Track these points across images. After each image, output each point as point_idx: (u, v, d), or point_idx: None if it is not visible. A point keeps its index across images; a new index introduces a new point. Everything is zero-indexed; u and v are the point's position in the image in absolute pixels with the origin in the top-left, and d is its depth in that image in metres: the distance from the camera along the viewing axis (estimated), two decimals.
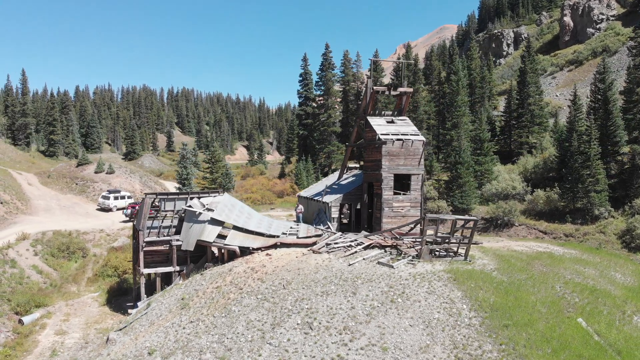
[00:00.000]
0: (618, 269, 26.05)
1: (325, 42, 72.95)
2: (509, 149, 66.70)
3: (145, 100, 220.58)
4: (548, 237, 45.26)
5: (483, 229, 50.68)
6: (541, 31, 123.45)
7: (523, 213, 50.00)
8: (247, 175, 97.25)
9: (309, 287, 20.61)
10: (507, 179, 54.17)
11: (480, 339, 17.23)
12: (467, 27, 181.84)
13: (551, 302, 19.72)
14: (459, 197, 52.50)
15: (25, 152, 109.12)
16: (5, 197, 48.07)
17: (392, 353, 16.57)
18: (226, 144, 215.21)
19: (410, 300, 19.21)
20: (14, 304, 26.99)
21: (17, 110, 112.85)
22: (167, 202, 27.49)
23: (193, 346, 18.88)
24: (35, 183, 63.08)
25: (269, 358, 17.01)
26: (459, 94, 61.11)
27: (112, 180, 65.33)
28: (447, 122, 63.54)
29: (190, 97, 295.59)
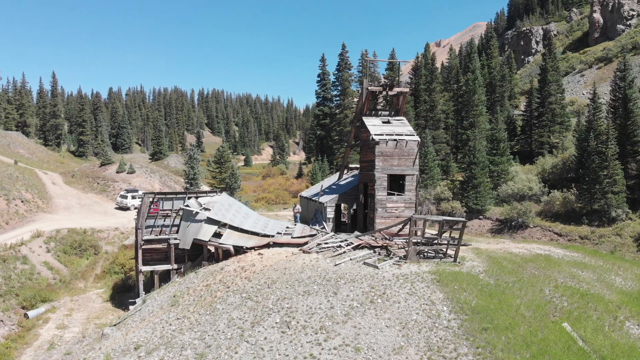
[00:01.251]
0: (620, 273, 25.23)
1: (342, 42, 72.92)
2: (529, 148, 65.29)
3: (176, 102, 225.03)
4: (563, 239, 44.17)
5: (497, 230, 49.84)
6: (571, 28, 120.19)
7: (539, 214, 48.90)
8: (267, 175, 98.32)
9: (292, 286, 20.76)
10: (523, 179, 53.06)
11: (457, 341, 17.01)
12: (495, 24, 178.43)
13: (537, 305, 19.29)
14: (474, 198, 51.75)
15: (55, 152, 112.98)
16: (27, 195, 49.97)
17: (364, 353, 16.54)
18: (253, 144, 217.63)
19: (390, 301, 19.12)
20: (21, 298, 28.13)
21: (48, 112, 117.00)
22: (165, 201, 28.13)
23: (176, 342, 19.25)
24: (59, 182, 65.27)
25: (245, 356, 17.21)
26: (476, 93, 60.27)
27: (132, 179, 67.01)
28: (464, 122, 62.77)
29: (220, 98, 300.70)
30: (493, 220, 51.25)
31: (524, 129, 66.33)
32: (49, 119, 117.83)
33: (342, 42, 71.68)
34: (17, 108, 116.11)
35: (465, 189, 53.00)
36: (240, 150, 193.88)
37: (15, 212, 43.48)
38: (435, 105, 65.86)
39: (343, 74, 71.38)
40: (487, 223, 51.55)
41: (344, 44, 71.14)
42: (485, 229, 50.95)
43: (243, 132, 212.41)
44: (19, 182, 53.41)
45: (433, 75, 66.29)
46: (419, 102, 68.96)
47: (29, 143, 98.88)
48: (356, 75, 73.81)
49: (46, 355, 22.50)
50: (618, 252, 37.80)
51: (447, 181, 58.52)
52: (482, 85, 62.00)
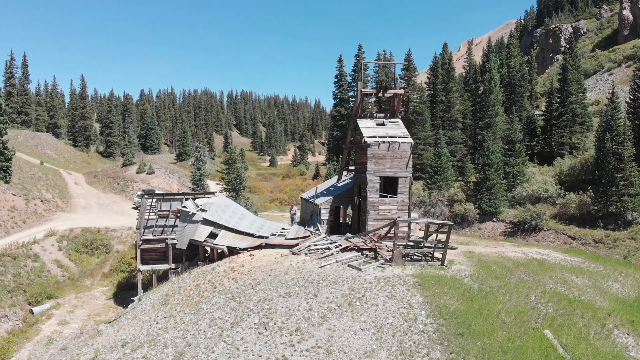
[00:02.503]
0: (620, 279, 24.48)
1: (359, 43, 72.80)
2: (549, 149, 63.74)
3: (205, 103, 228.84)
4: (576, 242, 43.06)
5: (510, 233, 48.93)
6: (600, 25, 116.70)
7: (554, 217, 47.76)
8: (287, 175, 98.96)
9: (275, 288, 20.96)
10: (539, 181, 51.90)
11: (431, 346, 16.89)
12: (524, 22, 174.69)
13: (519, 311, 18.94)
14: (487, 200, 50.95)
15: (84, 153, 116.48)
16: (47, 195, 51.77)
17: (335, 356, 16.61)
18: (279, 144, 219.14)
19: (368, 304, 19.10)
20: (28, 295, 29.26)
21: (77, 114, 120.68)
22: (163, 202, 28.77)
23: (159, 340, 19.72)
24: (81, 182, 67.36)
25: (221, 355, 17.52)
26: (492, 93, 59.23)
27: (151, 180, 68.56)
28: (479, 122, 61.80)
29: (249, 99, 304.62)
30: (506, 223, 50.30)
31: (544, 130, 64.79)
32: (78, 121, 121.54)
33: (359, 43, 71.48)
34: (48, 110, 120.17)
35: (479, 191, 52.20)
36: (266, 150, 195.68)
37: (33, 212, 45.14)
38: (451, 105, 65.01)
39: (359, 75, 71.17)
40: (500, 225, 50.63)
41: (360, 44, 71.08)
42: (498, 231, 50.06)
43: (269, 133, 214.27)
44: (41, 182, 55.37)
45: (449, 75, 65.42)
46: (436, 103, 68.23)
47: (58, 144, 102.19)
48: (372, 75, 73.58)
49: (43, 350, 23.36)
50: (632, 256, 36.65)
51: (461, 183, 57.69)
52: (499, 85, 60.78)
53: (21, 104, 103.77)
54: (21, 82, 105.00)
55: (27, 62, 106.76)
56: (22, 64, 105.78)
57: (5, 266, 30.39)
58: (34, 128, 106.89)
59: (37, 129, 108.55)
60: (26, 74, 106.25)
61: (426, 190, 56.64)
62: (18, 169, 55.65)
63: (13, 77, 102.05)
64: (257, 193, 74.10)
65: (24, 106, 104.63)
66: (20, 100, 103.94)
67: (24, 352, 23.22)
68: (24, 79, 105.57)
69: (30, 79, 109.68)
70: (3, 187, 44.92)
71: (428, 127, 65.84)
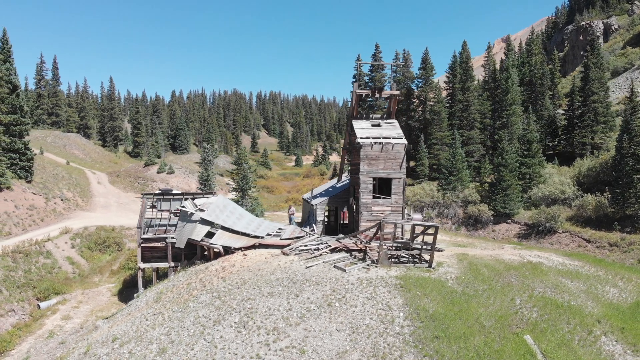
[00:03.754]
0: (620, 284, 23.72)
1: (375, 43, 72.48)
2: (571, 150, 62.03)
3: (234, 104, 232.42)
4: (591, 245, 41.90)
5: (524, 235, 47.92)
6: (632, 22, 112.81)
7: (570, 219, 46.53)
8: (308, 175, 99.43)
9: (259, 287, 21.21)
10: (556, 182, 50.60)
11: (405, 348, 16.83)
12: (555, 19, 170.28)
13: (500, 315, 18.63)
14: (502, 201, 50.04)
15: (112, 152, 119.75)
16: (68, 194, 53.54)
17: (308, 356, 16.73)
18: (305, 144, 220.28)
19: (347, 304, 19.13)
20: (37, 290, 30.38)
21: (106, 115, 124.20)
22: (163, 202, 29.43)
23: (146, 336, 20.26)
24: (104, 182, 69.35)
25: (199, 352, 17.88)
26: (509, 92, 58.10)
27: (170, 179, 69.97)
28: (496, 122, 60.72)
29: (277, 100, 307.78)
30: (521, 225, 49.26)
31: (566, 129, 63.10)
32: (107, 121, 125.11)
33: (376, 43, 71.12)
34: (78, 111, 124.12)
35: (493, 192, 51.32)
36: (293, 150, 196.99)
37: (52, 210, 46.78)
38: (469, 105, 64.02)
39: (376, 75, 70.91)
40: (514, 227, 49.62)
41: (377, 44, 70.66)
42: (512, 233, 49.09)
43: (296, 133, 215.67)
44: (63, 182, 57.28)
45: (467, 74, 64.42)
46: (454, 102, 67.35)
47: (86, 144, 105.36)
48: (390, 75, 73.06)
49: (43, 344, 24.26)
50: None
51: (476, 183, 56.79)
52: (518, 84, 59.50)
53: (51, 106, 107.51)
54: (52, 84, 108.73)
55: (57, 65, 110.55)
56: (52, 67, 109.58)
57: (17, 262, 31.67)
58: (64, 129, 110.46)
59: (68, 130, 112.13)
60: (56, 77, 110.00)
61: (440, 191, 56.01)
62: (42, 168, 57.73)
63: (43, 79, 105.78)
64: (274, 193, 74.71)
65: (54, 107, 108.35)
66: (50, 101, 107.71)
67: (25, 345, 24.18)
68: (54, 81, 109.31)
69: (61, 81, 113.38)
70: (24, 187, 46.73)
71: (445, 127, 65.04)
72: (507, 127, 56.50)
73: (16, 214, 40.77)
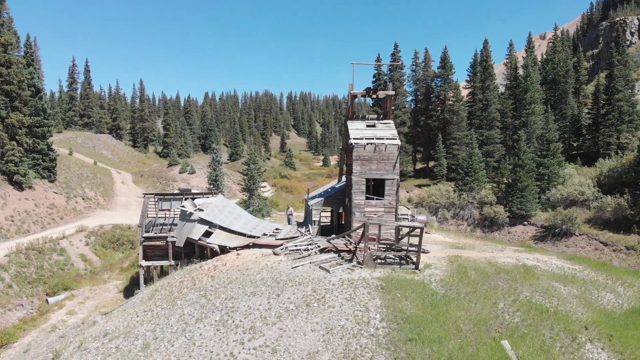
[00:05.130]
0: (619, 289, 22.89)
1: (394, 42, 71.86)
2: (595, 149, 60.04)
3: (265, 105, 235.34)
4: (608, 249, 40.60)
5: (540, 237, 46.76)
6: None
7: (588, 222, 45.14)
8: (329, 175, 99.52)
9: (244, 286, 21.48)
10: (575, 183, 49.12)
11: (377, 350, 16.76)
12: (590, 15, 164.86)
13: (479, 319, 18.30)
14: (518, 203, 49.00)
15: (142, 153, 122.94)
16: (90, 194, 55.33)
17: (280, 355, 16.86)
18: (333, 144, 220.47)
19: (325, 305, 19.16)
20: (47, 286, 31.60)
21: (136, 116, 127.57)
22: (164, 202, 30.12)
23: (134, 332, 20.83)
24: (128, 181, 71.32)
25: (178, 349, 18.28)
26: (528, 90, 56.71)
27: (191, 179, 71.33)
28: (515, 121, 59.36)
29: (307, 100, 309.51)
30: (537, 227, 48.04)
31: (590, 128, 61.14)
32: (137, 123, 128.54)
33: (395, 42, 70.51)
34: (111, 113, 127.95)
35: (510, 193, 50.22)
36: (321, 150, 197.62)
37: (72, 209, 48.48)
38: (489, 103, 62.82)
39: (394, 74, 70.38)
40: (531, 229, 48.42)
41: (396, 43, 70.04)
42: (528, 235, 47.92)
43: (324, 133, 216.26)
44: (87, 181, 59.24)
45: (487, 72, 63.20)
46: (475, 101, 66.23)
47: (116, 145, 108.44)
48: (409, 74, 72.42)
49: (44, 337, 25.25)
50: None
51: (493, 184, 55.67)
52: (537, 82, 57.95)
53: (83, 108, 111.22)
54: (83, 87, 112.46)
55: (89, 68, 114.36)
56: (84, 70, 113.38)
57: (29, 259, 33.01)
58: (96, 130, 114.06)
59: (100, 131, 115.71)
60: (88, 79, 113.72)
61: (456, 192, 55.17)
62: (67, 168, 59.89)
63: (75, 82, 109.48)
64: (293, 193, 75.09)
65: (86, 109, 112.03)
66: (82, 103, 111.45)
67: (28, 338, 25.22)
68: (86, 83, 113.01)
69: (93, 84, 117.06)
70: (46, 186, 48.62)
71: (464, 127, 64.04)
72: (527, 127, 55.17)
73: (36, 213, 42.49)
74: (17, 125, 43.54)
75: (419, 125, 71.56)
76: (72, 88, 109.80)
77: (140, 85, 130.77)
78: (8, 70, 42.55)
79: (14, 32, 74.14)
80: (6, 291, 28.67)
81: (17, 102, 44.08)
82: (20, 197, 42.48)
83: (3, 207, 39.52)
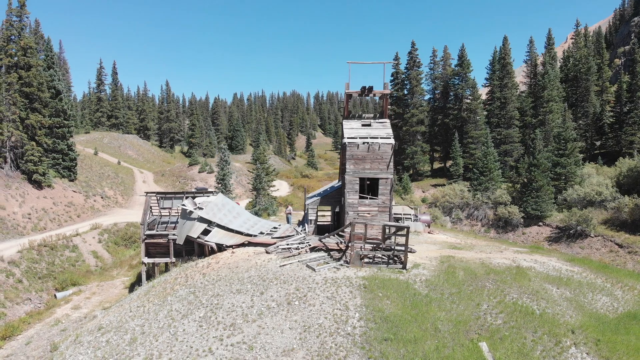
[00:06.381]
0: (617, 292, 22.17)
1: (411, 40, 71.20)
2: (618, 148, 58.12)
3: (292, 105, 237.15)
4: (623, 251, 39.36)
5: (555, 239, 45.67)
6: None
7: (605, 223, 43.86)
8: None
9: (230, 284, 21.76)
10: (593, 183, 47.72)
11: (351, 349, 16.76)
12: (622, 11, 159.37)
13: (460, 320, 18.05)
14: (533, 203, 47.98)
15: (168, 153, 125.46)
16: (110, 192, 56.87)
17: (255, 352, 17.05)
18: None
19: (307, 303, 19.24)
20: (56, 281, 32.70)
21: (163, 117, 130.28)
22: (165, 200, 30.75)
23: (124, 327, 21.37)
24: (149, 180, 72.94)
25: (162, 343, 18.68)
26: (546, 89, 55.31)
27: (209, 178, 72.41)
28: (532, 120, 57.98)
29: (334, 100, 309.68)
30: (552, 228, 46.90)
31: (612, 127, 59.22)
32: (163, 123, 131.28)
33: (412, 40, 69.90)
34: (138, 114, 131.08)
35: (525, 193, 49.17)
36: None
37: (90, 207, 49.95)
38: (507, 102, 61.57)
39: (411, 73, 69.75)
40: (545, 230, 47.30)
41: (413, 41, 69.41)
42: (542, 236, 46.83)
43: None
44: (107, 180, 60.90)
45: (505, 70, 61.94)
46: (493, 100, 65.06)
47: (142, 145, 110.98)
48: (427, 72, 71.62)
49: (47, 330, 26.15)
50: None
51: (508, 184, 54.57)
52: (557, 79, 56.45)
53: (111, 109, 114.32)
54: (111, 88, 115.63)
55: (116, 70, 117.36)
56: (112, 72, 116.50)
57: (41, 255, 34.24)
58: (123, 130, 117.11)
59: (127, 131, 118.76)
60: (115, 81, 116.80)
61: (471, 192, 54.34)
62: (88, 168, 61.73)
63: (102, 83, 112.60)
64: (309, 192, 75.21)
65: (114, 110, 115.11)
66: (110, 105, 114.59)
67: (31, 331, 26.17)
68: (113, 85, 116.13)
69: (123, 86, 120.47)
70: (66, 185, 50.26)
71: (481, 125, 62.95)
72: (544, 125, 53.81)
73: (53, 210, 44.00)
74: (36, 126, 45.19)
75: (437, 124, 70.71)
76: (99, 90, 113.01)
77: (167, 87, 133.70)
78: (27, 72, 44.25)
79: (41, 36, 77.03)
80: (16, 286, 29.82)
81: (37, 103, 45.75)
82: (38, 196, 44.08)
83: (21, 204, 41.09)
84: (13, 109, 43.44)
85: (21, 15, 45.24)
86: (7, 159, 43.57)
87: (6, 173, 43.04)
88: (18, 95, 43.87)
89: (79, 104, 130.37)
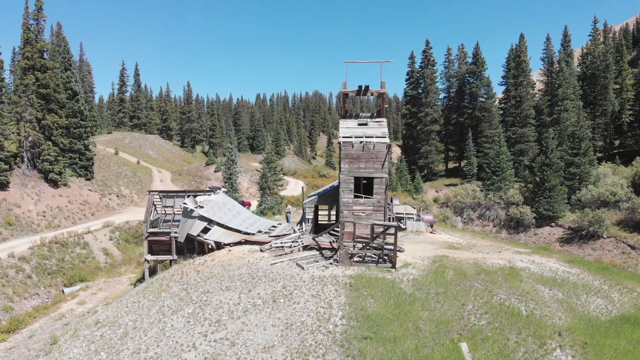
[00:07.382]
0: (614, 295, 21.63)
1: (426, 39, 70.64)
2: (637, 148, 56.54)
3: (314, 105, 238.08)
4: (635, 252, 38.44)
5: (567, 240, 44.77)
6: None
7: (618, 224, 42.82)
8: None
9: (221, 281, 22.09)
10: (608, 183, 46.56)
11: (330, 347, 16.88)
12: None
13: (442, 320, 17.95)
14: (545, 204, 47.13)
15: (188, 152, 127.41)
16: (125, 191, 58.15)
17: (236, 348, 17.32)
18: None
19: (291, 301, 19.41)
20: (65, 277, 33.68)
21: (184, 117, 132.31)
22: (167, 199, 31.33)
23: (118, 322, 21.92)
24: (166, 180, 74.25)
25: (149, 338, 19.14)
26: (561, 86, 54.18)
27: None
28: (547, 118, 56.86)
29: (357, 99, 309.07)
30: (565, 229, 45.95)
31: (631, 126, 57.63)
32: (184, 123, 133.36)
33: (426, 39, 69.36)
34: (161, 114, 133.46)
35: (537, 193, 48.30)
36: None
37: (105, 205, 51.19)
38: (522, 100, 60.53)
39: (425, 71, 69.20)
40: (557, 231, 46.37)
41: (427, 40, 68.86)
42: (554, 237, 45.93)
43: None
44: (124, 180, 62.28)
45: (519, 68, 60.89)
46: (508, 98, 64.09)
47: (163, 145, 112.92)
48: (442, 71, 70.96)
49: (51, 324, 27.00)
50: None
51: (521, 184, 53.67)
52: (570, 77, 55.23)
53: (133, 110, 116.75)
54: (133, 89, 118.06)
55: (138, 71, 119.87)
56: (134, 73, 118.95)
57: (52, 252, 35.31)
58: (145, 130, 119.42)
59: (149, 132, 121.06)
60: (138, 82, 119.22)
61: (483, 192, 53.65)
62: (106, 167, 63.23)
63: (125, 85, 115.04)
64: None
65: (136, 111, 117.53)
66: (132, 105, 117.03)
67: (36, 325, 27.05)
68: (135, 86, 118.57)
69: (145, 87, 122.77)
70: (82, 184, 51.63)
71: (496, 124, 62.07)
72: (559, 124, 52.71)
73: (68, 209, 45.29)
74: (53, 127, 46.58)
75: (451, 123, 70.01)
76: (122, 91, 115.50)
77: (188, 88, 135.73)
78: (44, 74, 45.67)
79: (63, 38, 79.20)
80: (25, 281, 30.86)
81: (54, 104, 47.16)
82: (54, 194, 45.43)
83: (36, 203, 42.43)
84: (30, 110, 44.90)
85: (38, 18, 46.72)
86: (24, 158, 45.06)
87: (23, 172, 44.51)
88: (35, 96, 45.31)
89: (104, 105, 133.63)
